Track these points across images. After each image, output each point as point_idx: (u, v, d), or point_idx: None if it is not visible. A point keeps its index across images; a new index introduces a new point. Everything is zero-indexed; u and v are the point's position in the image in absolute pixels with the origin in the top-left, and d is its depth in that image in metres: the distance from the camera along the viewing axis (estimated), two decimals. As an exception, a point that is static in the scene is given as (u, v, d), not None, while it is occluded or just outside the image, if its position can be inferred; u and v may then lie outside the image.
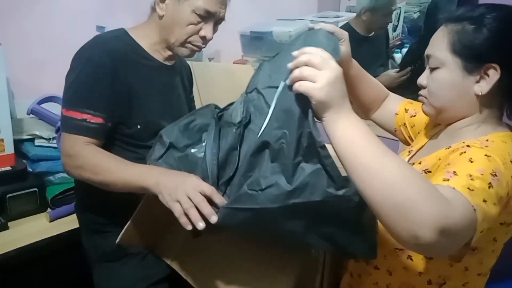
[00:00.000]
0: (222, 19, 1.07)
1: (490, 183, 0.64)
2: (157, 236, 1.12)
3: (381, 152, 0.58)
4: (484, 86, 0.73)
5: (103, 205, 1.08)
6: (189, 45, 1.05)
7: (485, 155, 0.67)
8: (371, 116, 1.07)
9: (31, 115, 1.54)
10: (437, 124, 0.90)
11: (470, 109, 0.77)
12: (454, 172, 0.64)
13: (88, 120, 0.97)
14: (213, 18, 1.03)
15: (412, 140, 0.99)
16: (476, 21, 0.74)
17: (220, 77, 1.67)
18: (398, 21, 2.62)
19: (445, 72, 0.76)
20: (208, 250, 1.03)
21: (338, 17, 2.41)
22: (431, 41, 0.80)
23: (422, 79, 0.81)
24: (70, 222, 1.34)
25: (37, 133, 1.46)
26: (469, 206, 0.59)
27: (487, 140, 0.73)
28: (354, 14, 2.25)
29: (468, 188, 0.61)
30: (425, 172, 0.77)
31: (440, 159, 0.76)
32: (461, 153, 0.69)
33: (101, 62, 0.98)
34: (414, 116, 0.98)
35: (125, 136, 1.05)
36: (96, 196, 1.08)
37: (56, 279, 1.37)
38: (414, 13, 2.69)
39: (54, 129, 1.48)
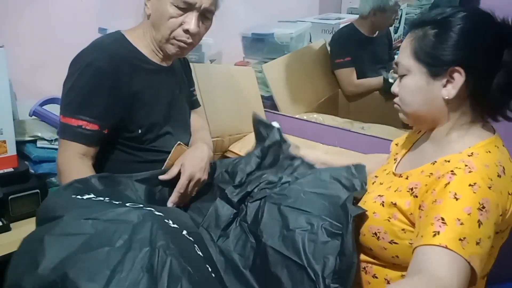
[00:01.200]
0: (209, 11, 1.02)
1: (479, 220, 0.65)
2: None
3: None
4: (450, 90, 0.74)
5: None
6: (174, 41, 1.02)
7: (469, 185, 0.67)
8: None
9: (33, 117, 1.55)
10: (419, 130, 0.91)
11: (442, 113, 0.77)
12: (443, 220, 0.66)
13: (83, 127, 0.96)
14: (195, 9, 0.99)
15: None
16: (437, 26, 0.75)
17: (222, 78, 1.67)
18: (400, 22, 2.63)
19: (412, 79, 0.77)
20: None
21: (340, 18, 2.42)
22: (400, 48, 0.81)
23: (394, 87, 0.83)
24: (72, 224, 1.35)
25: (39, 134, 1.46)
26: (465, 267, 0.63)
27: (471, 154, 0.73)
28: (356, 16, 2.26)
29: (460, 239, 0.64)
30: (414, 197, 0.75)
31: (428, 175, 0.75)
32: (446, 185, 0.69)
33: (100, 68, 0.96)
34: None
35: (125, 139, 1.05)
36: None
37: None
38: (415, 14, 2.69)
39: (56, 130, 1.49)
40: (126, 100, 1.01)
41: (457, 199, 0.67)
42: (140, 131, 1.05)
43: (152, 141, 1.07)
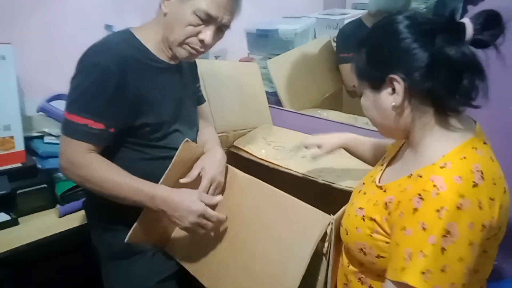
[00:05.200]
0: (226, 26, 1.04)
1: (442, 248, 0.65)
2: (165, 234, 1.14)
3: None
4: (396, 97, 0.74)
5: (112, 203, 1.10)
6: (187, 47, 1.03)
7: (436, 210, 0.65)
8: None
9: (41, 113, 1.56)
10: None
11: (404, 120, 0.76)
12: (410, 254, 0.67)
13: (89, 126, 0.95)
14: (214, 22, 1.00)
15: None
16: (364, 44, 0.78)
17: (227, 74, 1.68)
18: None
19: (364, 98, 0.81)
20: (215, 248, 1.04)
21: (344, 14, 2.41)
22: None
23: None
24: (79, 218, 1.37)
25: (46, 130, 1.48)
26: None
27: (444, 165, 0.69)
28: (361, 11, 2.25)
29: (423, 272, 0.65)
30: (388, 213, 0.75)
31: (402, 190, 0.74)
32: (414, 211, 0.68)
33: (107, 68, 0.96)
34: None
35: (133, 137, 1.05)
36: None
37: (65, 273, 1.39)
38: (422, 9, 2.67)
39: (63, 126, 1.51)
40: (134, 100, 1.00)
41: (424, 229, 0.66)
42: (148, 130, 1.05)
43: (160, 139, 1.07)
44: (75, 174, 0.98)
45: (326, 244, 0.89)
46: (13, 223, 1.30)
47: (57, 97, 1.59)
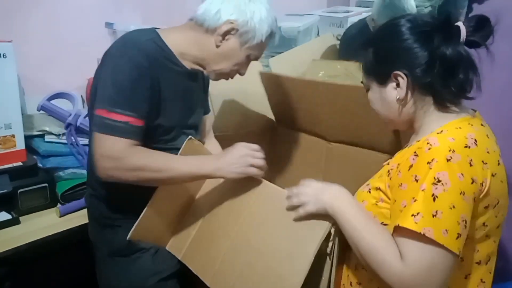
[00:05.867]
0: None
1: (433, 194, 0.70)
2: (167, 231, 1.13)
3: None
4: (399, 91, 0.82)
5: (115, 199, 1.10)
6: (223, 75, 1.11)
7: (427, 162, 0.72)
8: None
9: (41, 111, 1.56)
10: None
11: (407, 112, 0.84)
12: (405, 205, 0.73)
13: (130, 123, 0.94)
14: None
15: None
16: (371, 44, 0.88)
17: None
18: (409, 15, 2.59)
19: (371, 92, 0.89)
20: (217, 245, 1.04)
21: (348, 12, 2.39)
22: None
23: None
24: (80, 217, 1.36)
25: (47, 129, 1.48)
26: (419, 238, 0.70)
27: (440, 132, 0.77)
28: (365, 9, 2.23)
29: (412, 215, 0.70)
30: (390, 179, 0.81)
31: (401, 156, 0.82)
32: (410, 167, 0.75)
33: (142, 65, 0.96)
34: None
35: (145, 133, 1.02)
36: (108, 190, 1.10)
37: (66, 272, 1.39)
38: (425, 7, 2.65)
39: (64, 125, 1.50)
40: (158, 100, 1.00)
41: (417, 180, 0.72)
42: (160, 131, 1.05)
43: (169, 141, 1.08)
44: (125, 169, 0.94)
45: (330, 244, 0.89)
46: (14, 222, 1.30)
47: (58, 95, 1.58)
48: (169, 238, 1.13)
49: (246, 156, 0.98)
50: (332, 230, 0.88)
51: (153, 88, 0.99)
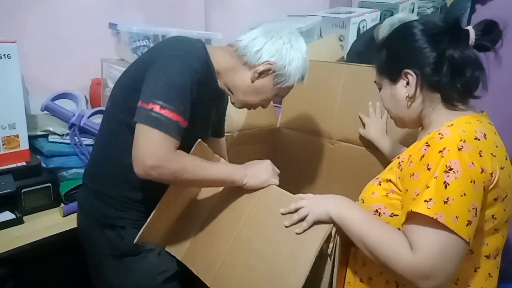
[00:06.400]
0: None
1: (445, 182, 0.72)
2: (167, 232, 1.13)
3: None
4: (409, 89, 0.86)
5: (120, 199, 1.10)
6: (247, 105, 1.16)
7: (439, 151, 0.74)
8: None
9: (45, 112, 1.56)
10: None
11: (416, 109, 0.88)
12: (418, 193, 0.75)
13: (180, 123, 0.94)
14: None
15: None
16: (385, 45, 0.93)
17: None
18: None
19: (383, 90, 0.93)
20: (219, 246, 1.04)
21: (350, 12, 2.39)
22: None
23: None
24: (83, 217, 1.36)
25: (51, 129, 1.49)
26: (432, 224, 0.72)
27: (451, 125, 0.80)
28: (367, 10, 2.23)
29: (425, 201, 0.72)
30: (400, 170, 0.83)
31: (412, 148, 0.85)
32: (421, 157, 0.77)
33: (197, 69, 0.98)
34: None
35: None
36: (112, 190, 1.10)
37: (69, 272, 1.40)
38: (428, 8, 2.65)
39: (67, 125, 1.51)
40: (194, 107, 0.99)
41: (429, 169, 0.74)
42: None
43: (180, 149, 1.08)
44: (168, 169, 0.92)
45: (331, 245, 0.89)
46: (18, 221, 1.31)
47: (62, 95, 1.59)
48: (168, 239, 1.14)
49: (272, 169, 1.07)
50: (333, 231, 0.89)
51: (196, 95, 0.99)
